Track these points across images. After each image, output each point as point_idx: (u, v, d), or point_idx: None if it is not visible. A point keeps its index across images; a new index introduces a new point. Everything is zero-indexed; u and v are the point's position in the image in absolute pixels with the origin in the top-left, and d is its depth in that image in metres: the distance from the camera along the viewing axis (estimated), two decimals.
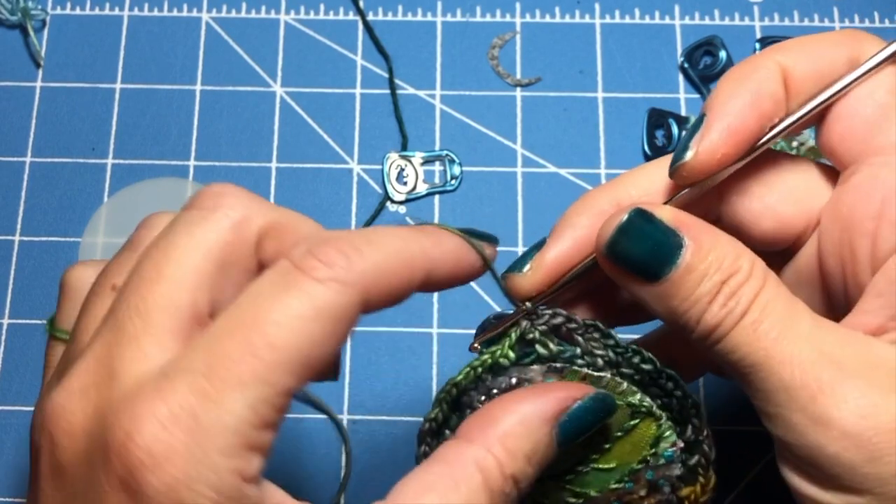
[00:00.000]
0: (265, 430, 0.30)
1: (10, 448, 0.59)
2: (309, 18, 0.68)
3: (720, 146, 0.35)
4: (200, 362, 0.30)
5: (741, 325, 0.34)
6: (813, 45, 0.37)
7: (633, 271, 0.35)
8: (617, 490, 0.38)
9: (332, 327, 0.31)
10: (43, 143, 0.65)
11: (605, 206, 0.39)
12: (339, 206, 0.64)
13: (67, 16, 0.68)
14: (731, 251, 0.35)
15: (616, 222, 0.35)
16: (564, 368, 0.37)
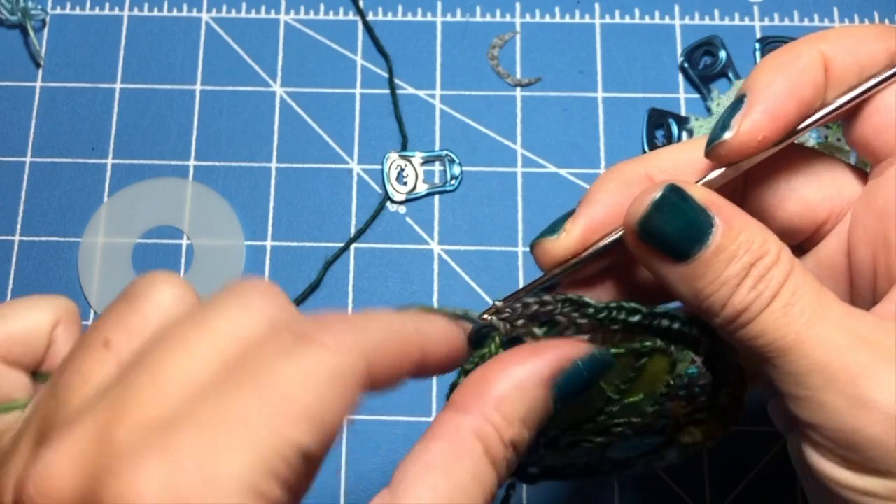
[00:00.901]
0: (277, 485, 0.28)
1: None
2: (309, 18, 0.68)
3: (762, 127, 0.35)
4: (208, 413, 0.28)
5: (770, 309, 0.33)
6: (855, 37, 0.37)
7: (663, 249, 0.34)
8: (656, 411, 0.37)
9: (342, 391, 0.30)
10: (43, 143, 0.65)
11: (635, 177, 0.38)
12: (339, 206, 0.64)
13: (67, 16, 0.68)
14: (760, 234, 0.34)
15: (650, 198, 0.34)
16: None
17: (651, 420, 0.38)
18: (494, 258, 0.62)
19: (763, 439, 0.56)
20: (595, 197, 0.38)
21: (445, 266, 0.62)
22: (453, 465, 0.32)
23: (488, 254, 0.62)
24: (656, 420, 0.38)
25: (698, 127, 0.64)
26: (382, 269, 0.62)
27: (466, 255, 0.62)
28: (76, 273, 0.62)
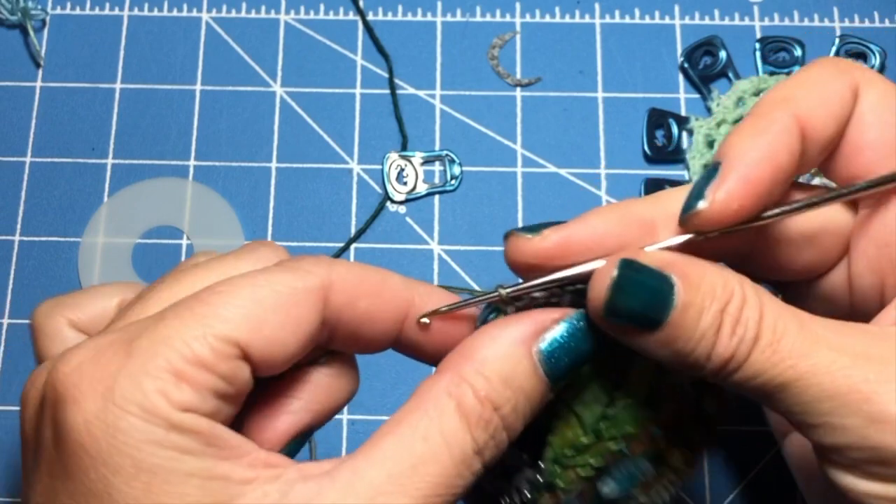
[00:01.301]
0: (200, 368, 0.31)
1: (11, 448, 0.59)
2: (309, 18, 0.68)
3: (738, 196, 0.34)
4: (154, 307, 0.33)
5: (758, 349, 0.33)
6: (820, 85, 0.36)
7: (635, 324, 0.34)
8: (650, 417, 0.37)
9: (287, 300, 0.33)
10: (43, 143, 0.65)
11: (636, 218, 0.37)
12: (339, 206, 0.64)
13: (67, 16, 0.68)
14: (719, 277, 0.34)
15: (608, 279, 0.33)
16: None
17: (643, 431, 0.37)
18: (494, 258, 0.62)
19: (763, 439, 0.56)
20: (587, 218, 0.37)
21: (445, 266, 0.62)
22: (421, 419, 0.33)
23: (488, 254, 0.62)
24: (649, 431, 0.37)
25: (698, 127, 0.64)
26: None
27: (466, 255, 0.62)
28: (76, 273, 0.62)
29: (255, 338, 0.32)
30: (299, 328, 0.34)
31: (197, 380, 0.31)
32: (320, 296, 0.34)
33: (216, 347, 0.32)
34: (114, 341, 0.32)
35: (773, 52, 0.66)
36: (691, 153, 0.64)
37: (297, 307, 0.33)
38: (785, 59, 0.66)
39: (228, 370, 0.32)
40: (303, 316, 0.34)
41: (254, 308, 0.32)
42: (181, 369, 0.31)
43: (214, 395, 0.32)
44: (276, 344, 0.33)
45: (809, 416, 0.33)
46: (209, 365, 0.31)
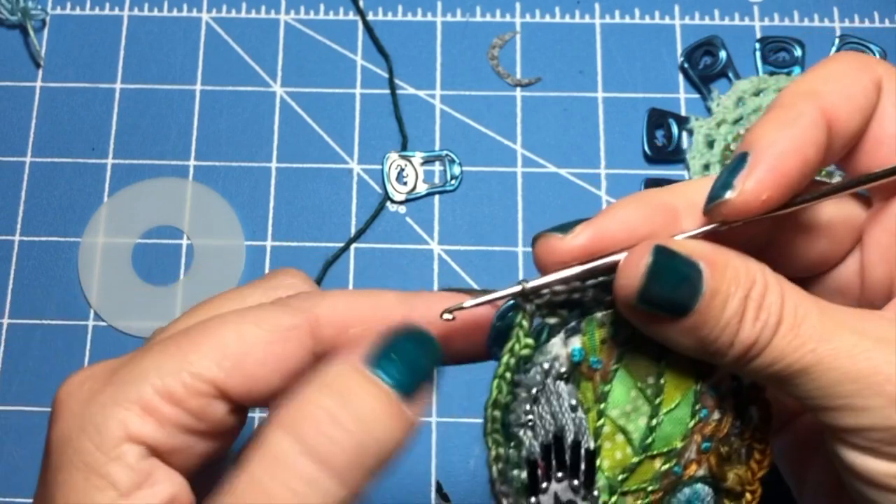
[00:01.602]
0: (169, 402, 0.32)
1: (10, 448, 0.59)
2: (309, 18, 0.68)
3: (766, 187, 0.34)
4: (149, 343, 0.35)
5: (780, 334, 0.33)
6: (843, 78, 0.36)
7: (666, 311, 0.34)
8: (697, 425, 0.36)
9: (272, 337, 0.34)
10: (43, 143, 0.65)
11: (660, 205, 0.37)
12: (339, 206, 0.64)
13: (67, 16, 0.68)
14: (742, 262, 0.34)
15: (642, 265, 0.33)
16: (581, 321, 0.36)
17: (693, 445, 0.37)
18: (494, 258, 0.62)
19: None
20: (613, 211, 0.37)
21: (445, 266, 0.62)
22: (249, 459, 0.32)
23: (488, 254, 0.62)
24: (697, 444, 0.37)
25: (698, 127, 0.64)
26: (382, 269, 0.62)
27: (466, 255, 0.62)
28: (76, 273, 0.62)
29: (232, 375, 0.33)
30: (283, 365, 0.34)
31: (164, 414, 0.32)
32: (306, 331, 0.34)
33: (189, 384, 0.32)
34: (105, 368, 0.34)
35: (773, 52, 0.66)
36: (691, 153, 0.64)
37: (282, 344, 0.34)
38: (785, 59, 0.66)
39: (198, 407, 0.33)
40: (287, 353, 0.34)
41: (235, 346, 0.33)
42: (150, 402, 0.32)
43: (181, 430, 0.33)
44: (257, 381, 0.33)
45: (829, 399, 0.33)
46: (178, 400, 0.32)
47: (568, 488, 0.35)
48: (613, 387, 0.36)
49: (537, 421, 0.35)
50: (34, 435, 0.59)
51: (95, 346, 0.61)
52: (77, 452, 0.32)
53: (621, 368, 0.36)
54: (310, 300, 0.35)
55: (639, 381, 0.36)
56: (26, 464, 0.59)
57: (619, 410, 0.36)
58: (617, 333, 0.36)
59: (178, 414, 0.32)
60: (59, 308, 0.62)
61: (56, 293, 0.62)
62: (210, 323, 0.34)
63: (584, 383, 0.36)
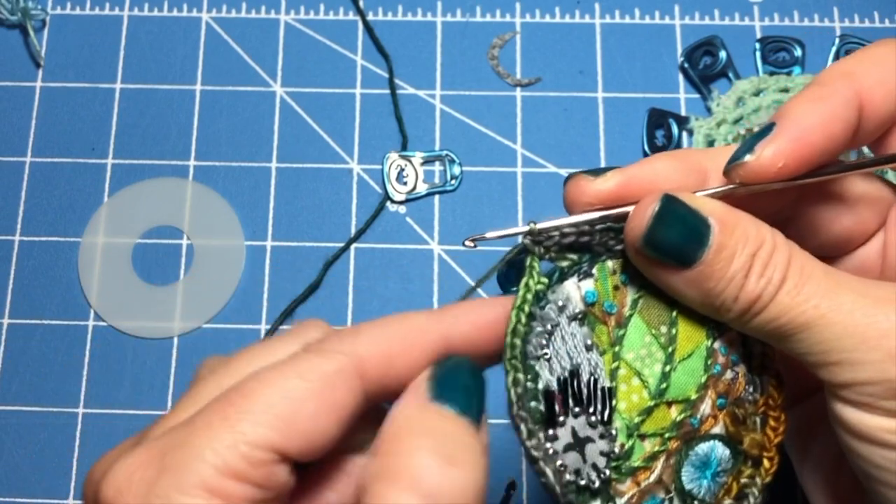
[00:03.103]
0: (233, 479, 0.30)
1: (10, 448, 0.59)
2: (309, 18, 0.68)
3: (784, 155, 0.36)
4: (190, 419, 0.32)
5: (784, 290, 0.34)
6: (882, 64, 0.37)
7: (670, 258, 0.35)
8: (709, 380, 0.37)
9: (320, 387, 0.32)
10: (43, 143, 0.65)
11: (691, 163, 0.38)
12: (339, 206, 0.64)
13: (67, 16, 0.68)
14: (753, 226, 0.35)
15: (649, 210, 0.35)
16: (593, 265, 0.37)
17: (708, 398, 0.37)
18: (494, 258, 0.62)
19: None
20: (647, 162, 0.38)
21: (445, 266, 0.62)
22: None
23: (488, 254, 0.62)
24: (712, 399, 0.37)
25: (698, 127, 0.64)
26: (382, 269, 0.62)
27: (466, 255, 0.62)
28: (76, 273, 0.62)
29: (289, 435, 0.31)
30: (338, 412, 0.32)
31: (230, 492, 0.30)
32: (355, 374, 0.33)
33: (248, 455, 0.31)
34: (151, 455, 0.31)
35: (773, 52, 0.66)
36: None
37: (332, 392, 0.32)
38: (785, 59, 0.66)
39: (263, 477, 0.31)
40: (339, 399, 0.32)
41: (285, 404, 0.31)
42: (213, 484, 0.30)
43: (251, 503, 0.31)
44: (313, 434, 0.32)
45: (828, 354, 0.34)
46: (242, 475, 0.31)
47: (585, 424, 0.36)
48: (628, 331, 0.37)
49: (553, 356, 0.36)
50: (34, 435, 0.59)
51: (95, 346, 0.61)
52: None
53: (636, 314, 0.37)
54: (345, 341, 0.34)
55: (652, 328, 0.37)
56: (26, 464, 0.59)
57: (635, 354, 0.37)
58: (629, 281, 0.38)
59: (244, 489, 0.31)
60: (59, 308, 0.62)
61: (56, 293, 0.62)
62: (251, 385, 0.32)
63: (599, 326, 0.37)
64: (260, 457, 0.31)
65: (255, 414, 0.31)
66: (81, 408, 0.60)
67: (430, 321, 0.35)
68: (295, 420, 0.31)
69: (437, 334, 0.35)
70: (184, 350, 0.61)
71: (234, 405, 0.31)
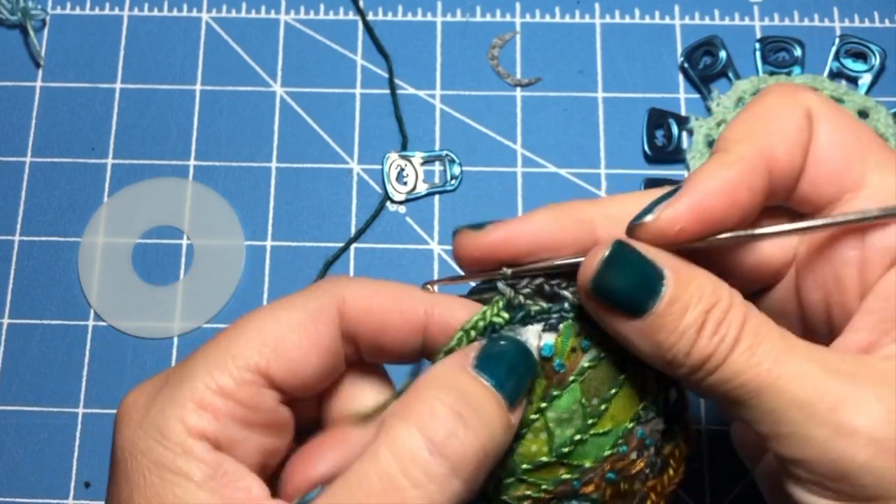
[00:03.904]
0: (220, 396, 0.34)
1: (10, 448, 0.59)
2: (309, 18, 0.68)
3: (681, 220, 0.35)
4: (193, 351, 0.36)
5: (738, 351, 0.34)
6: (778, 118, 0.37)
7: (619, 305, 0.35)
8: (611, 456, 0.37)
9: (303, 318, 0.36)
10: (43, 143, 0.65)
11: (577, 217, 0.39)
12: (339, 206, 0.64)
13: (67, 16, 0.68)
14: (709, 282, 0.35)
15: (600, 255, 0.35)
16: (560, 321, 0.37)
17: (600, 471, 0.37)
18: None
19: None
20: (528, 216, 0.39)
21: (445, 266, 0.62)
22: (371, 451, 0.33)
23: None
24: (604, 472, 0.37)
25: (698, 127, 0.64)
26: (382, 269, 0.62)
27: None
28: (76, 273, 0.62)
29: (274, 359, 0.35)
30: (318, 344, 0.36)
31: (217, 407, 0.34)
32: (334, 310, 0.36)
33: (237, 375, 0.34)
34: (159, 377, 0.36)
35: (773, 52, 0.66)
36: (691, 153, 0.64)
37: (313, 323, 0.36)
38: (785, 59, 0.66)
39: (249, 397, 0.34)
40: (320, 331, 0.36)
41: (271, 331, 0.35)
42: (202, 399, 0.34)
43: (237, 422, 0.34)
44: (297, 362, 0.35)
45: (777, 425, 0.33)
46: (230, 393, 0.34)
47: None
48: (563, 395, 0.37)
49: None
50: (34, 435, 0.59)
51: (95, 346, 0.61)
52: (145, 454, 0.33)
53: (577, 382, 0.37)
54: (337, 284, 0.37)
55: (585, 397, 0.37)
56: (26, 464, 0.59)
57: (557, 415, 0.37)
58: (588, 348, 0.37)
59: (231, 406, 0.34)
60: (59, 308, 0.62)
61: (56, 293, 0.62)
62: (246, 317, 0.36)
63: (539, 379, 0.37)
64: (246, 377, 0.34)
65: (244, 339, 0.35)
66: (81, 408, 0.60)
67: (422, 301, 0.37)
68: (279, 346, 0.35)
69: (423, 307, 0.37)
70: (184, 350, 0.61)
71: (229, 335, 0.35)
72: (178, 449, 0.33)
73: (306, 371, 0.35)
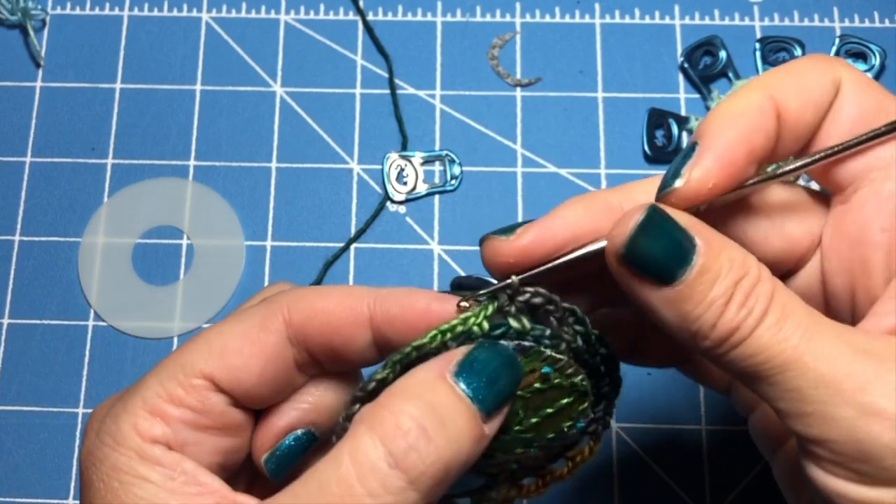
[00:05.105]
0: (171, 403, 0.36)
1: (10, 448, 0.59)
2: (309, 18, 0.68)
3: (713, 175, 0.35)
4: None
5: (764, 325, 0.33)
6: (800, 75, 0.37)
7: (649, 273, 0.34)
8: (521, 455, 0.37)
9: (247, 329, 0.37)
10: (43, 143, 0.65)
11: (604, 204, 0.38)
12: (339, 206, 0.64)
13: (67, 16, 0.68)
14: (739, 253, 0.34)
15: (634, 219, 0.34)
16: (531, 348, 0.37)
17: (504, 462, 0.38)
18: None
19: None
20: (557, 211, 0.38)
21: (445, 266, 0.62)
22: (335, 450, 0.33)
23: None
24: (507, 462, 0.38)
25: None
26: (382, 268, 0.62)
27: (466, 255, 0.62)
28: (76, 273, 0.62)
29: (219, 366, 0.36)
30: (262, 350, 0.37)
31: (168, 413, 0.36)
32: (279, 319, 0.37)
33: (184, 382, 0.36)
34: (119, 393, 0.38)
35: (773, 52, 0.66)
36: None
37: (257, 332, 0.37)
38: (785, 59, 0.66)
39: (198, 401, 0.36)
40: (263, 340, 0.37)
41: (217, 342, 0.37)
42: (154, 405, 0.36)
43: (188, 425, 0.36)
44: (240, 369, 0.36)
45: (801, 403, 0.32)
46: (179, 399, 0.36)
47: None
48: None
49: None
50: (34, 435, 0.59)
51: (95, 346, 0.61)
52: (103, 462, 0.35)
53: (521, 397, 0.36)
54: (283, 294, 0.38)
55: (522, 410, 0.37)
56: (26, 464, 0.59)
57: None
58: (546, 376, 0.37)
59: (181, 412, 0.36)
60: (59, 308, 0.62)
61: (56, 293, 0.62)
62: (198, 334, 0.38)
63: None
64: (192, 382, 0.36)
65: (192, 351, 0.36)
66: (81, 408, 0.60)
67: (364, 291, 0.38)
68: (224, 352, 0.36)
69: (366, 303, 0.37)
70: None
71: (181, 349, 0.37)
72: (132, 454, 0.35)
73: (251, 376, 0.37)
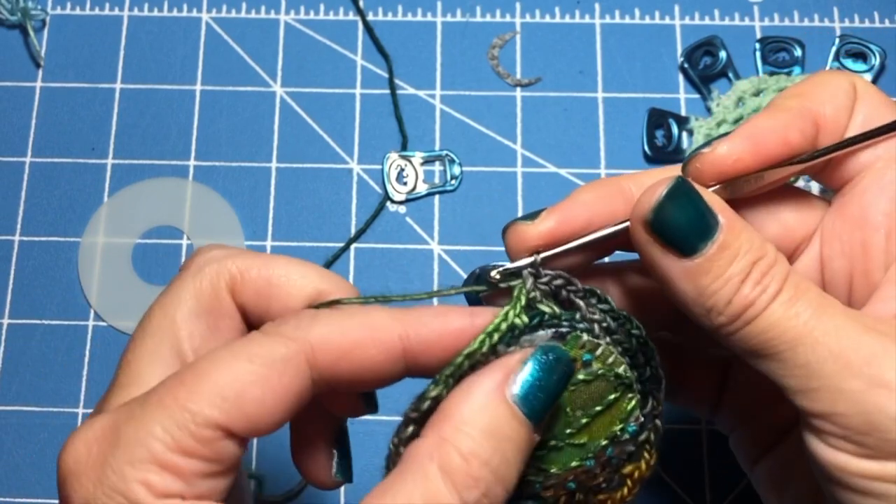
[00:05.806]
0: (182, 455, 0.32)
1: (10, 448, 0.59)
2: (309, 18, 0.68)
3: (740, 151, 0.37)
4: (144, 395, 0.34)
5: (778, 302, 0.34)
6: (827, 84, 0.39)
7: (673, 240, 0.35)
8: (577, 468, 0.37)
9: (267, 372, 0.33)
10: (43, 143, 0.65)
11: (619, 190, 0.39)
12: (339, 206, 0.64)
13: (67, 16, 0.68)
14: (757, 235, 0.36)
15: (663, 187, 0.35)
16: (568, 333, 0.37)
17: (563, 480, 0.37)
18: (494, 258, 0.62)
19: None
20: (576, 196, 0.39)
21: (445, 266, 0.62)
22: (402, 486, 0.32)
23: (488, 254, 0.62)
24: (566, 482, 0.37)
25: (698, 127, 0.64)
26: (382, 269, 0.62)
27: (466, 255, 0.62)
28: (76, 273, 0.62)
29: (235, 416, 0.33)
30: (284, 397, 0.34)
31: (181, 467, 0.32)
32: (302, 361, 0.34)
33: (197, 434, 0.32)
34: (106, 427, 0.33)
35: (773, 52, 0.66)
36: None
37: (278, 378, 0.34)
38: (785, 59, 0.66)
39: (212, 452, 0.33)
40: (286, 385, 0.34)
41: (232, 386, 0.33)
42: (164, 459, 0.32)
43: (201, 477, 0.33)
44: (260, 417, 0.33)
45: (809, 378, 0.34)
46: (191, 451, 0.32)
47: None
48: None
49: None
50: (34, 435, 0.59)
51: (95, 346, 0.61)
52: None
53: (567, 391, 0.36)
54: (301, 326, 0.35)
55: (570, 407, 0.37)
56: (26, 464, 0.59)
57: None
58: (587, 363, 0.37)
59: (192, 464, 0.32)
60: (59, 308, 0.62)
61: (56, 293, 0.62)
62: (202, 365, 0.34)
63: None
64: (207, 435, 0.32)
65: (202, 395, 0.32)
66: (81, 408, 0.60)
67: (391, 319, 0.36)
68: (240, 402, 0.33)
69: (396, 334, 0.36)
70: None
71: (185, 385, 0.33)
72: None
73: (270, 422, 0.34)
